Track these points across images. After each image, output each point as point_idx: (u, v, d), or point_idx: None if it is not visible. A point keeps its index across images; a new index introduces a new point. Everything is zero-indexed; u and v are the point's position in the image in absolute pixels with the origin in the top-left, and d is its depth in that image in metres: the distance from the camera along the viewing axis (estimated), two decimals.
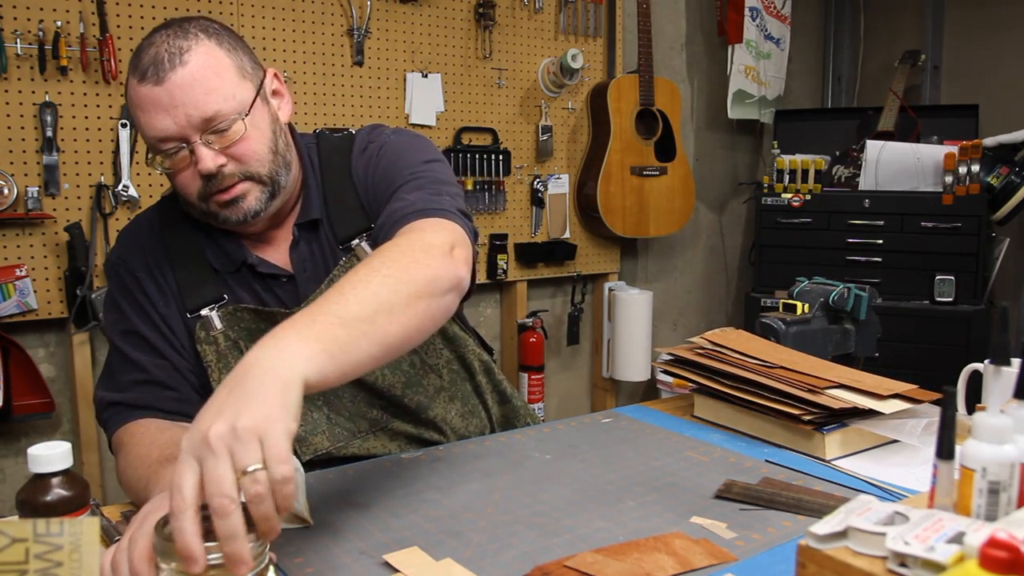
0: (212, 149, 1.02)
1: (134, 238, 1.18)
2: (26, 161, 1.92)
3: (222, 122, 1.02)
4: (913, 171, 2.76)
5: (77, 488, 0.77)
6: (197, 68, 1.01)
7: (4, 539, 0.59)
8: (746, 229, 3.48)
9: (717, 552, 0.87)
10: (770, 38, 3.27)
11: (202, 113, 1.01)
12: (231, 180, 1.05)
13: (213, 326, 1.12)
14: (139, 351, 1.13)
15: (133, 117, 1.05)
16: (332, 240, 1.17)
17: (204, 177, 1.03)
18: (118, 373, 1.13)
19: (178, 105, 1.00)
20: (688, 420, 1.36)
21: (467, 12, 2.56)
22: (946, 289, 2.64)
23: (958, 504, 0.69)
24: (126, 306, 1.14)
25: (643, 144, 2.79)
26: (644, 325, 2.89)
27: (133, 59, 1.03)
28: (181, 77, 0.99)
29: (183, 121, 1.00)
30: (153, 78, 0.99)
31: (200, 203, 1.07)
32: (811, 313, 1.46)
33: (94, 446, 2.08)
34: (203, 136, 1.02)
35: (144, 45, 1.03)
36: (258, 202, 1.08)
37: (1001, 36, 3.09)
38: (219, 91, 1.02)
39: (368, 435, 1.19)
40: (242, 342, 1.12)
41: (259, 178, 1.07)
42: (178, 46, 1.01)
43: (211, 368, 1.11)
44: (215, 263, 1.15)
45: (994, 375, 1.17)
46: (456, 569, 0.83)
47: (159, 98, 1.00)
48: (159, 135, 1.01)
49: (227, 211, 1.07)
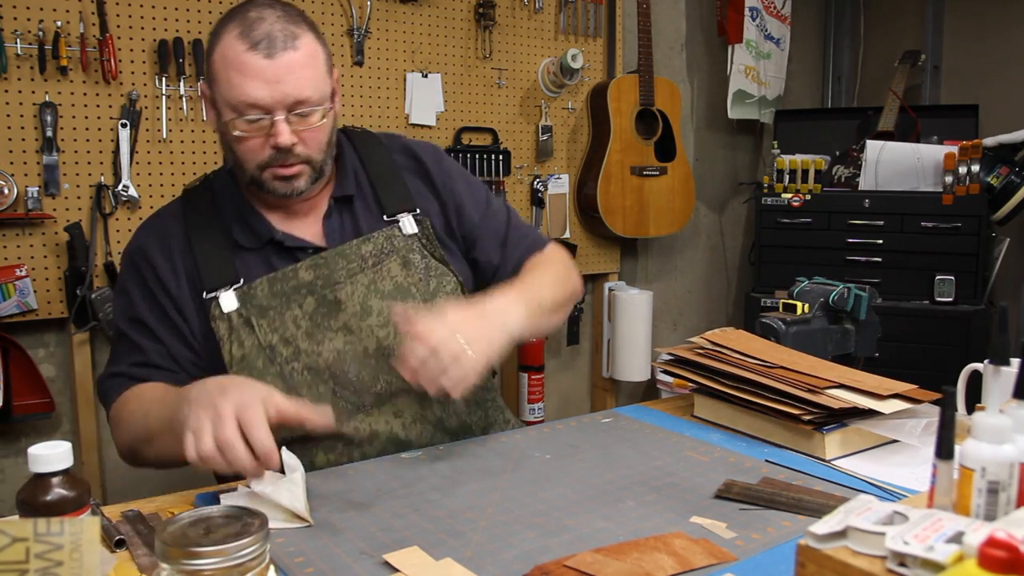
0: (289, 128, 1.14)
1: (156, 227, 1.26)
2: (26, 161, 1.92)
3: (307, 108, 1.14)
4: (913, 171, 2.76)
5: (77, 488, 0.77)
6: (304, 56, 1.13)
7: (4, 538, 0.59)
8: (746, 229, 3.48)
9: (717, 552, 0.87)
10: (770, 38, 3.27)
11: (297, 95, 1.12)
12: (294, 159, 1.17)
13: (228, 304, 1.19)
14: (142, 336, 1.21)
15: (221, 75, 1.13)
16: (372, 212, 1.30)
17: (274, 149, 1.14)
18: (121, 355, 1.23)
19: (280, 82, 1.11)
20: (688, 420, 1.36)
21: (467, 12, 2.56)
22: (946, 289, 2.64)
23: (957, 504, 0.69)
24: (136, 293, 1.22)
25: (643, 144, 2.79)
26: (644, 325, 2.89)
27: (237, 24, 1.12)
28: (290, 59, 1.12)
29: (279, 96, 1.11)
30: (264, 51, 1.10)
31: (256, 171, 1.17)
32: (811, 313, 1.46)
33: (94, 446, 2.08)
34: (287, 115, 1.13)
35: (253, 17, 1.13)
36: (306, 183, 1.20)
37: (1001, 36, 3.09)
38: (314, 80, 1.15)
39: (372, 409, 1.21)
40: (253, 318, 1.18)
41: (314, 163, 1.20)
42: (291, 31, 1.13)
43: (223, 341, 1.18)
44: (243, 240, 1.23)
45: (994, 375, 1.17)
46: (456, 569, 0.83)
47: (264, 70, 1.10)
48: (250, 100, 1.11)
49: (279, 183, 1.18)
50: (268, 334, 1.18)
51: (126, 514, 0.98)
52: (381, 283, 1.24)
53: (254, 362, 1.17)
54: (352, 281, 1.22)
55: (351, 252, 1.24)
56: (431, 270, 1.28)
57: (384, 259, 1.25)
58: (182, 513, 0.70)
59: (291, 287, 1.20)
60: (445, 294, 1.28)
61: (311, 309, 1.20)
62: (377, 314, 1.22)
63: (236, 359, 1.17)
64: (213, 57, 1.15)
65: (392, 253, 1.26)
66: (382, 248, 1.26)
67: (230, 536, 0.66)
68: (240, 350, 1.17)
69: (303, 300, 1.20)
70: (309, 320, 1.20)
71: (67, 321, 2.00)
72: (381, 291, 1.23)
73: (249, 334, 1.18)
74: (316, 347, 1.19)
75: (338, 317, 1.21)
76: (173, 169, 2.10)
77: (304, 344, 1.19)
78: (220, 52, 1.13)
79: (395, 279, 1.25)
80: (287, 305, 1.20)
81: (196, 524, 0.69)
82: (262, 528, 0.68)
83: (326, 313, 1.21)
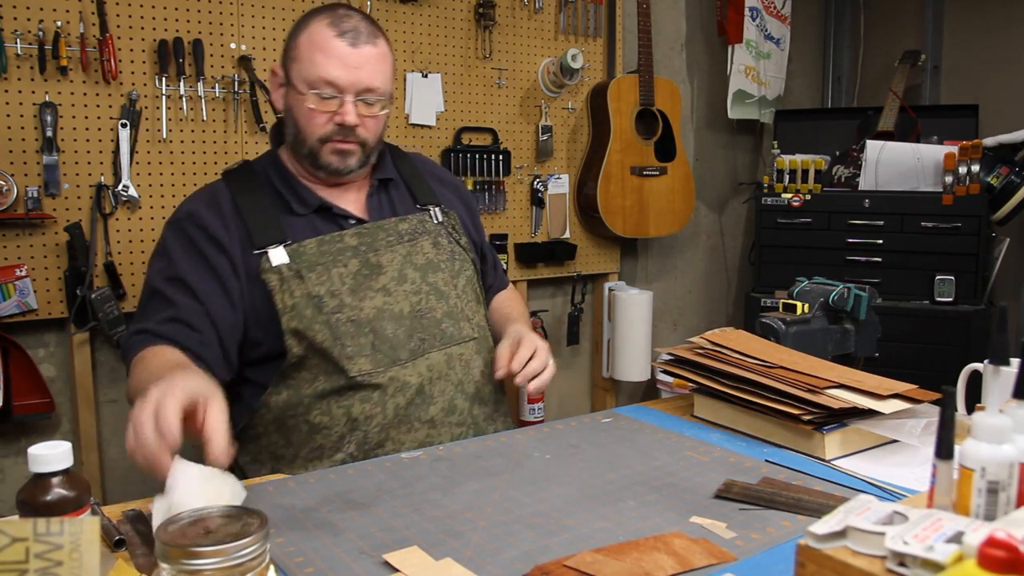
0: (355, 110, 1.31)
1: (203, 196, 1.38)
2: (26, 161, 1.92)
3: (374, 96, 1.33)
4: (913, 171, 2.76)
5: (77, 488, 0.77)
6: (380, 53, 1.34)
7: (4, 538, 0.59)
8: (746, 229, 3.48)
9: (717, 552, 0.87)
10: (770, 38, 3.27)
11: (369, 82, 1.31)
12: (353, 137, 1.34)
13: (277, 258, 1.29)
14: (178, 293, 1.28)
15: (305, 54, 1.31)
16: (406, 198, 1.48)
17: (338, 126, 1.31)
18: (151, 311, 1.28)
19: (358, 67, 1.30)
20: (688, 420, 1.36)
21: (467, 12, 2.56)
22: (946, 289, 2.64)
23: (957, 504, 0.69)
24: (180, 255, 1.30)
25: (643, 144, 2.79)
26: (644, 325, 2.89)
27: (327, 16, 1.31)
28: (370, 51, 1.32)
29: (354, 79, 1.30)
30: (351, 39, 1.30)
31: (317, 143, 1.33)
32: (811, 313, 1.46)
33: (94, 446, 2.08)
34: (355, 99, 1.31)
35: (342, 13, 1.32)
36: (357, 162, 1.37)
37: (1001, 36, 3.09)
38: (384, 75, 1.34)
39: (407, 363, 1.31)
40: (303, 271, 1.29)
41: (367, 147, 1.37)
42: (372, 31, 1.34)
43: (275, 291, 1.28)
44: (295, 207, 1.36)
45: (993, 375, 1.17)
46: (456, 569, 0.83)
47: (347, 55, 1.29)
48: (328, 79, 1.29)
49: (334, 158, 1.34)
50: (316, 286, 1.29)
51: (126, 514, 0.98)
52: (415, 257, 1.39)
53: (303, 310, 1.27)
54: (391, 250, 1.37)
55: (390, 227, 1.40)
56: (456, 254, 1.46)
57: (418, 237, 1.42)
58: (182, 513, 0.70)
59: (337, 248, 1.33)
60: (466, 276, 1.46)
61: (355, 270, 1.33)
62: (411, 282, 1.37)
63: (288, 307, 1.27)
64: (299, 40, 1.32)
65: (424, 234, 1.43)
66: (416, 228, 1.43)
67: (230, 536, 0.66)
68: (291, 299, 1.27)
69: (348, 261, 1.33)
70: (353, 279, 1.32)
71: (67, 321, 2.00)
72: (415, 263, 1.39)
73: (299, 284, 1.28)
74: (359, 302, 1.31)
75: (378, 279, 1.34)
76: (173, 169, 2.10)
77: (348, 299, 1.30)
78: (307, 35, 1.31)
79: (427, 255, 1.41)
80: (334, 263, 1.32)
81: (196, 524, 0.69)
82: (262, 528, 0.68)
83: (368, 275, 1.33)
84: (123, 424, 2.23)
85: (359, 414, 1.27)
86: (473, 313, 1.44)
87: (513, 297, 1.69)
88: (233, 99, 2.15)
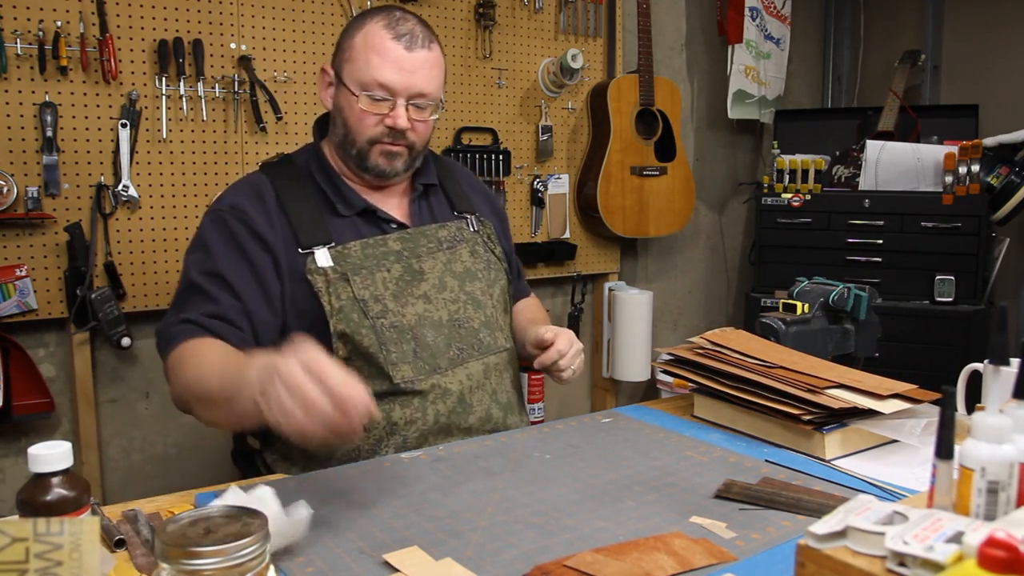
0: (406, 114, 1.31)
1: (246, 188, 1.34)
2: (26, 161, 1.92)
3: (425, 101, 1.33)
4: (913, 171, 2.76)
5: (77, 488, 0.77)
6: (434, 59, 1.33)
7: (4, 538, 0.59)
8: (746, 229, 3.48)
9: (717, 552, 0.87)
10: (770, 38, 3.27)
11: (422, 87, 1.31)
12: (401, 140, 1.33)
13: (322, 260, 1.29)
14: (219, 290, 1.25)
15: (360, 55, 1.30)
16: (444, 204, 1.48)
17: (388, 128, 1.31)
18: (191, 304, 1.25)
19: (412, 71, 1.30)
20: (688, 420, 1.36)
21: (467, 12, 2.56)
22: (946, 289, 2.64)
23: (957, 504, 0.69)
24: (219, 249, 1.27)
25: (643, 144, 2.79)
26: (644, 325, 2.89)
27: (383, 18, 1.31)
28: (425, 56, 1.31)
29: (407, 83, 1.30)
30: (406, 43, 1.29)
31: (366, 144, 1.33)
32: (811, 313, 1.46)
33: (94, 446, 2.08)
34: (407, 102, 1.31)
35: (398, 16, 1.32)
36: (403, 165, 1.36)
37: (1001, 36, 3.09)
38: (436, 81, 1.34)
39: (447, 371, 1.32)
40: (349, 273, 1.29)
41: (414, 151, 1.37)
42: (428, 35, 1.33)
43: (321, 292, 1.27)
44: (340, 208, 1.35)
45: (993, 375, 1.17)
46: (456, 569, 0.83)
47: (402, 58, 1.29)
48: (382, 81, 1.29)
49: (381, 159, 1.34)
50: (361, 289, 1.29)
51: (126, 514, 0.98)
52: (454, 264, 1.41)
53: (350, 314, 1.27)
54: (433, 257, 1.38)
55: (431, 233, 1.41)
56: (491, 263, 1.47)
57: (456, 245, 1.43)
58: (182, 513, 0.70)
59: (381, 252, 1.33)
60: (500, 286, 1.47)
61: (397, 275, 1.33)
62: (450, 290, 1.38)
63: (335, 309, 1.27)
64: (353, 40, 1.32)
65: (462, 242, 1.44)
66: (455, 235, 1.44)
67: (230, 536, 0.66)
68: (339, 301, 1.27)
69: (391, 265, 1.33)
70: (396, 284, 1.32)
71: (67, 321, 2.00)
72: (454, 271, 1.40)
73: (345, 287, 1.28)
74: (401, 308, 1.31)
75: (419, 286, 1.35)
76: (173, 169, 2.10)
77: (391, 304, 1.31)
78: (363, 36, 1.31)
79: (464, 263, 1.42)
80: (377, 267, 1.32)
81: (196, 524, 0.69)
82: (262, 528, 0.68)
83: (410, 281, 1.34)
84: (123, 424, 2.23)
85: (399, 418, 1.27)
86: (505, 324, 1.46)
87: (534, 304, 1.70)
88: (233, 99, 2.15)
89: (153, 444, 2.20)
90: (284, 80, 2.23)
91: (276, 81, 2.22)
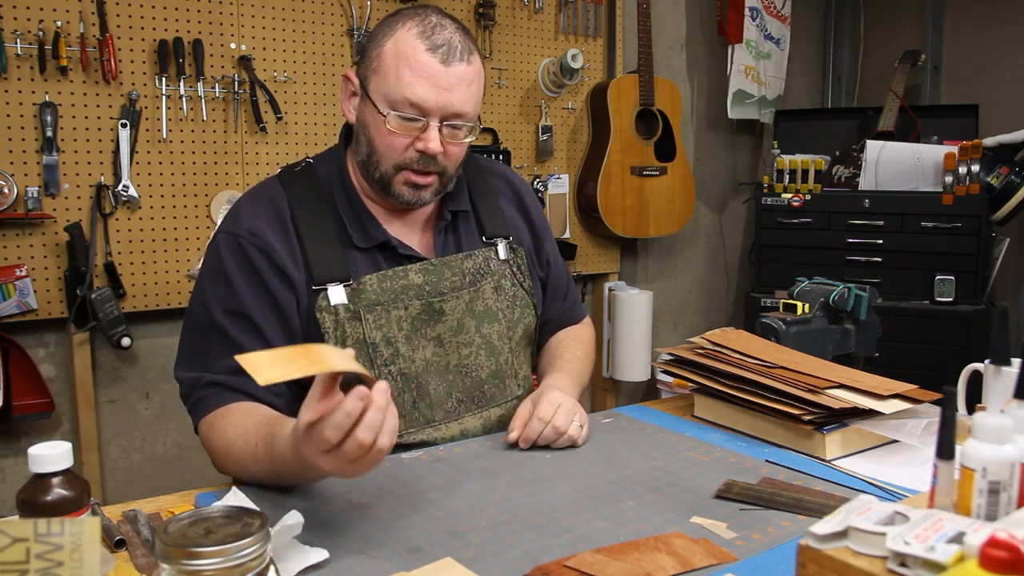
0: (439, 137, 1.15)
1: (267, 209, 1.19)
2: (26, 161, 1.92)
3: (460, 122, 1.16)
4: (913, 171, 2.76)
5: (77, 488, 0.77)
6: (474, 73, 1.16)
7: (5, 539, 0.59)
8: (746, 229, 3.48)
9: (717, 552, 0.87)
10: (770, 38, 3.27)
11: (459, 107, 1.14)
12: (432, 168, 1.17)
13: (335, 298, 1.16)
14: (245, 335, 1.13)
15: (390, 67, 1.13)
16: (473, 231, 1.32)
17: (419, 152, 1.15)
18: (217, 355, 1.13)
19: (448, 89, 1.13)
20: (688, 420, 1.36)
21: (467, 12, 2.56)
22: (946, 289, 2.64)
23: (958, 504, 0.69)
24: (241, 283, 1.14)
25: (643, 144, 2.79)
26: (644, 325, 2.89)
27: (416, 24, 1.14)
28: (463, 72, 1.14)
29: (442, 102, 1.13)
30: (442, 56, 1.12)
31: (391, 170, 1.17)
32: (811, 313, 1.46)
33: (94, 446, 2.08)
34: (441, 124, 1.14)
35: (433, 22, 1.15)
36: (431, 195, 1.21)
37: (1001, 36, 3.09)
38: (474, 99, 1.18)
39: (439, 425, 1.24)
40: (362, 311, 1.17)
41: (445, 178, 1.21)
42: (467, 46, 1.16)
43: (327, 334, 1.16)
44: (356, 240, 1.21)
45: (994, 375, 1.17)
46: (456, 569, 0.83)
47: (437, 74, 1.12)
48: (414, 99, 1.12)
49: (407, 189, 1.19)
50: (374, 330, 1.18)
51: (126, 514, 0.98)
52: (476, 303, 1.27)
53: None
54: (456, 296, 1.25)
55: (456, 264, 1.26)
56: (517, 299, 1.33)
57: (481, 279, 1.29)
58: (182, 513, 0.70)
59: (400, 286, 1.21)
60: (524, 325, 1.33)
61: (415, 313, 1.21)
62: (466, 332, 1.26)
63: None
64: (383, 49, 1.15)
65: (488, 275, 1.30)
66: (480, 267, 1.29)
67: (230, 536, 0.66)
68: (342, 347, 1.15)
69: (409, 302, 1.21)
70: (410, 324, 1.21)
71: (67, 321, 2.00)
72: (474, 311, 1.27)
73: (355, 328, 1.17)
74: (411, 353, 1.21)
75: (435, 327, 1.23)
76: (173, 169, 2.10)
77: (403, 348, 1.20)
78: (394, 46, 1.14)
79: (487, 302, 1.29)
80: (395, 303, 1.20)
81: (196, 524, 0.68)
82: (262, 528, 0.68)
83: (427, 320, 1.22)
84: (123, 424, 2.23)
85: None
86: (522, 366, 1.35)
87: (574, 337, 1.45)
88: (233, 99, 2.15)
89: (153, 444, 2.20)
90: (284, 80, 2.23)
91: (276, 81, 2.22)
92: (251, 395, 1.12)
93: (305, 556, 0.85)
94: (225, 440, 1.07)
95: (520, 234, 1.38)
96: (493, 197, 1.36)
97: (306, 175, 1.24)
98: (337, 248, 1.19)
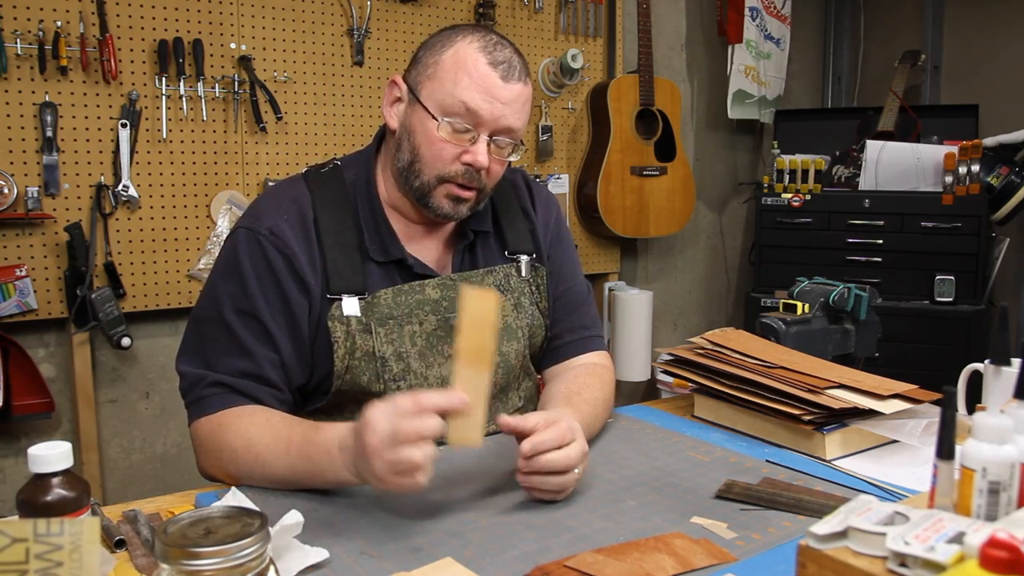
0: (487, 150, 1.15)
1: (290, 209, 1.17)
2: (26, 161, 1.92)
3: (509, 138, 1.17)
4: (913, 171, 2.76)
5: (77, 488, 0.77)
6: (528, 94, 1.18)
7: (4, 539, 0.59)
8: (746, 229, 3.48)
9: (717, 552, 0.87)
10: (770, 38, 3.27)
11: (511, 123, 1.15)
12: (475, 183, 1.17)
13: (349, 309, 1.15)
14: (254, 337, 1.12)
15: (449, 74, 1.13)
16: (494, 247, 1.30)
17: (466, 165, 1.14)
18: (223, 354, 1.11)
19: (504, 103, 1.13)
20: (688, 420, 1.36)
21: (467, 12, 2.56)
22: (946, 289, 2.64)
23: (958, 504, 0.69)
24: (255, 284, 1.12)
25: (643, 144, 2.79)
26: (644, 325, 2.89)
27: (478, 39, 1.15)
28: (519, 90, 1.15)
29: (497, 115, 1.13)
30: (502, 72, 1.13)
31: (434, 180, 1.16)
32: (811, 313, 1.46)
33: (94, 446, 2.08)
34: (492, 136, 1.15)
35: (494, 40, 1.16)
36: (467, 211, 1.20)
37: (1001, 36, 3.09)
38: (524, 118, 1.18)
39: None
40: (373, 324, 1.15)
41: (483, 194, 1.20)
42: (525, 69, 1.18)
43: (337, 344, 1.14)
44: (373, 253, 1.19)
45: (994, 375, 1.17)
46: (456, 569, 0.83)
47: (496, 87, 1.13)
48: (472, 105, 1.12)
49: (446, 202, 1.17)
50: (385, 344, 1.16)
51: (126, 514, 0.98)
52: None
53: (359, 376, 1.15)
54: None
55: (476, 280, 1.24)
56: (534, 319, 1.31)
57: (502, 296, 1.26)
58: (182, 513, 0.70)
59: (415, 301, 1.18)
60: (534, 347, 1.32)
61: (430, 328, 1.19)
62: None
63: (344, 368, 1.14)
64: (442, 57, 1.14)
65: (508, 292, 1.27)
66: (501, 283, 1.27)
67: (230, 536, 0.66)
68: (352, 359, 1.15)
69: (424, 317, 1.19)
70: (425, 340, 1.19)
71: (67, 321, 2.00)
72: None
73: (365, 340, 1.15)
74: (425, 370, 1.19)
75: (452, 344, 1.18)
76: (173, 169, 2.10)
77: (415, 364, 1.18)
78: (455, 55, 1.14)
79: (507, 319, 1.26)
80: (408, 318, 1.18)
81: (196, 524, 0.68)
82: (262, 528, 0.68)
83: (443, 336, 1.20)
84: (123, 424, 2.23)
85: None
86: (524, 379, 1.34)
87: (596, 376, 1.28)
88: (233, 99, 2.15)
89: (153, 444, 2.20)
90: (284, 80, 2.23)
91: (276, 81, 2.22)
92: (256, 399, 1.11)
93: (305, 556, 0.85)
94: (246, 438, 1.05)
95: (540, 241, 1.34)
96: (517, 211, 1.33)
97: (332, 178, 1.22)
98: (356, 258, 1.17)
